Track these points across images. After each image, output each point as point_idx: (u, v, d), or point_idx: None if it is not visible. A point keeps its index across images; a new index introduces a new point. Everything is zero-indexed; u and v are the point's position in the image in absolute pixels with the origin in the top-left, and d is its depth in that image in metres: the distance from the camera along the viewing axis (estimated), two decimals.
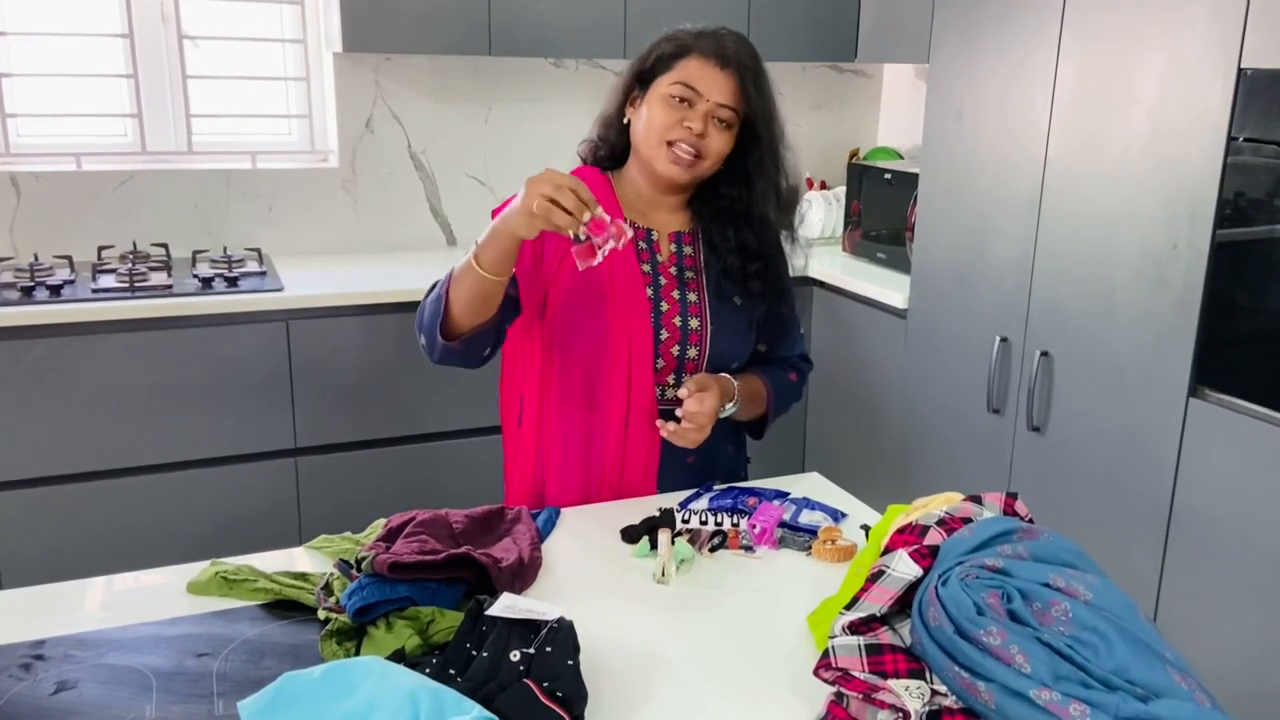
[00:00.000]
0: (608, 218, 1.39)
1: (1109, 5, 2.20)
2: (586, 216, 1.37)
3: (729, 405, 1.61)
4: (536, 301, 1.62)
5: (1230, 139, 2.00)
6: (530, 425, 1.67)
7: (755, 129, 1.59)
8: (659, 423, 1.55)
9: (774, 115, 1.62)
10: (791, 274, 1.76)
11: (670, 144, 1.57)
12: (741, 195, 1.63)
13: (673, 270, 1.65)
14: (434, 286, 1.59)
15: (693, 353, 1.63)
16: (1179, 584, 2.18)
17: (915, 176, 2.85)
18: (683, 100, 1.56)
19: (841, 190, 3.46)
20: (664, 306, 1.63)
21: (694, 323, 1.63)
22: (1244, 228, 2.02)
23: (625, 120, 1.64)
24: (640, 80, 1.62)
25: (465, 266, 1.48)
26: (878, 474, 3.08)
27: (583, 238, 1.40)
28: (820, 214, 3.49)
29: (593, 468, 1.64)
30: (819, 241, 3.50)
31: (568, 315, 1.60)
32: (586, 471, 1.64)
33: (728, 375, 1.63)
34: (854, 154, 3.72)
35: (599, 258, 1.41)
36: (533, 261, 1.61)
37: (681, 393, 1.52)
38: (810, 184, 3.65)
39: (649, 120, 1.58)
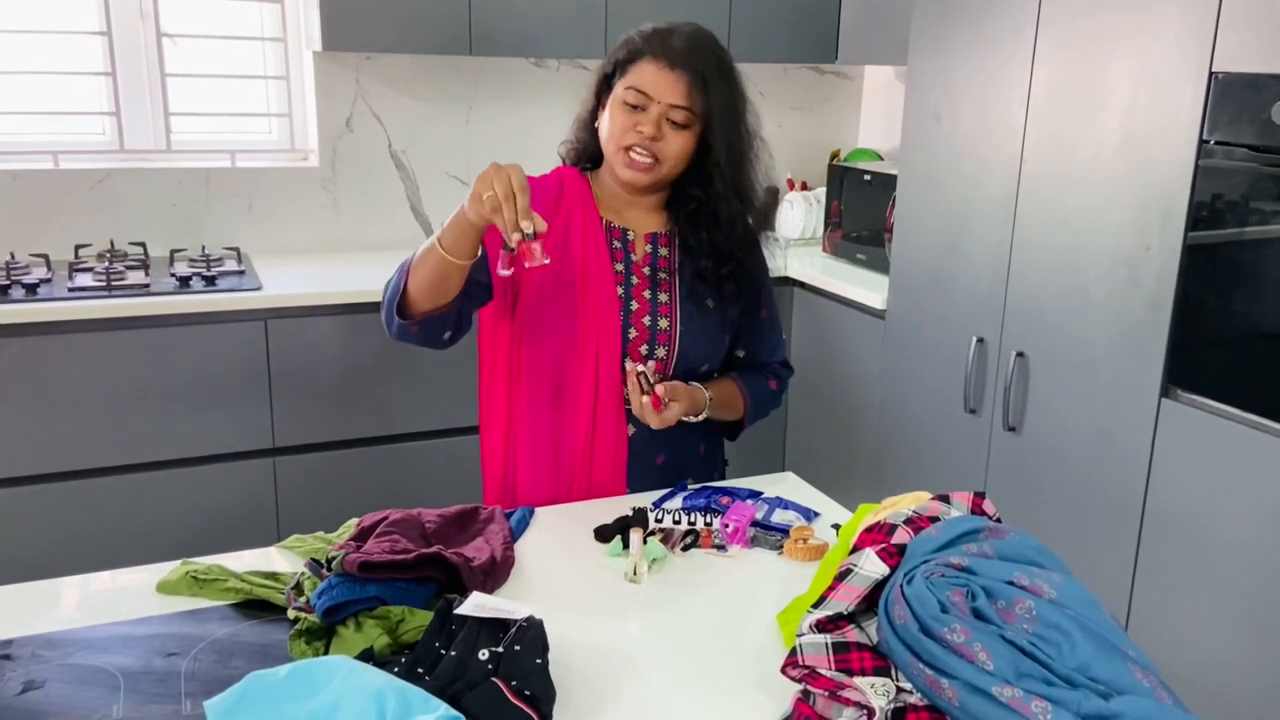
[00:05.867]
0: (534, 240, 1.37)
1: (1083, 9, 2.22)
2: (516, 237, 1.35)
3: (693, 418, 1.62)
4: (510, 296, 1.63)
5: (1202, 142, 2.02)
6: (500, 423, 1.67)
7: (712, 127, 1.57)
8: (629, 365, 1.54)
9: (734, 111, 1.59)
10: (772, 276, 1.76)
11: (627, 149, 1.57)
12: (707, 196, 1.62)
13: (645, 270, 1.65)
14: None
15: (661, 353, 1.63)
16: (1151, 582, 2.20)
17: (894, 178, 2.87)
18: (636, 105, 1.55)
19: (822, 191, 3.47)
20: (634, 305, 1.63)
21: (663, 323, 1.64)
22: (1216, 230, 2.04)
23: (596, 125, 1.65)
24: (606, 84, 1.62)
25: (428, 247, 1.47)
26: (856, 474, 3.09)
27: (513, 248, 1.38)
28: (801, 215, 3.50)
29: (562, 465, 1.64)
30: (799, 242, 3.52)
31: (538, 311, 1.61)
32: (556, 469, 1.64)
33: (700, 386, 1.63)
34: (834, 155, 3.73)
35: (508, 269, 1.43)
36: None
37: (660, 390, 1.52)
38: (791, 185, 3.66)
39: (608, 126, 1.59)
